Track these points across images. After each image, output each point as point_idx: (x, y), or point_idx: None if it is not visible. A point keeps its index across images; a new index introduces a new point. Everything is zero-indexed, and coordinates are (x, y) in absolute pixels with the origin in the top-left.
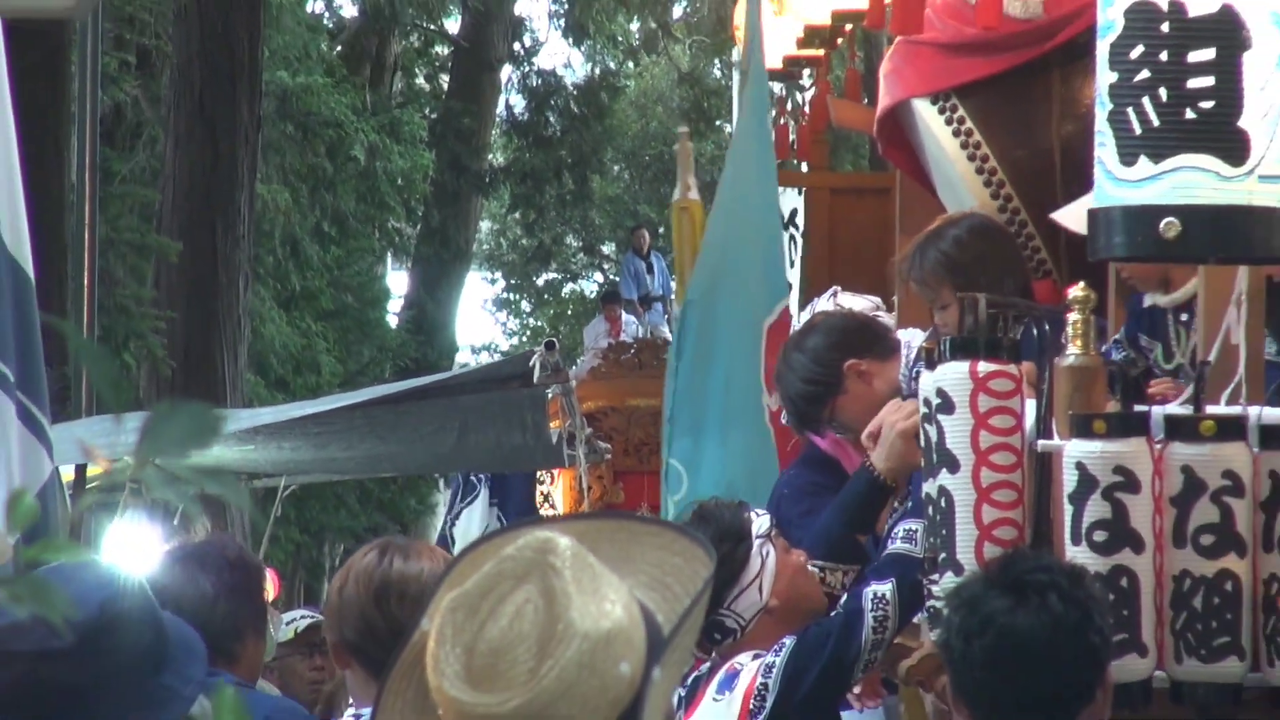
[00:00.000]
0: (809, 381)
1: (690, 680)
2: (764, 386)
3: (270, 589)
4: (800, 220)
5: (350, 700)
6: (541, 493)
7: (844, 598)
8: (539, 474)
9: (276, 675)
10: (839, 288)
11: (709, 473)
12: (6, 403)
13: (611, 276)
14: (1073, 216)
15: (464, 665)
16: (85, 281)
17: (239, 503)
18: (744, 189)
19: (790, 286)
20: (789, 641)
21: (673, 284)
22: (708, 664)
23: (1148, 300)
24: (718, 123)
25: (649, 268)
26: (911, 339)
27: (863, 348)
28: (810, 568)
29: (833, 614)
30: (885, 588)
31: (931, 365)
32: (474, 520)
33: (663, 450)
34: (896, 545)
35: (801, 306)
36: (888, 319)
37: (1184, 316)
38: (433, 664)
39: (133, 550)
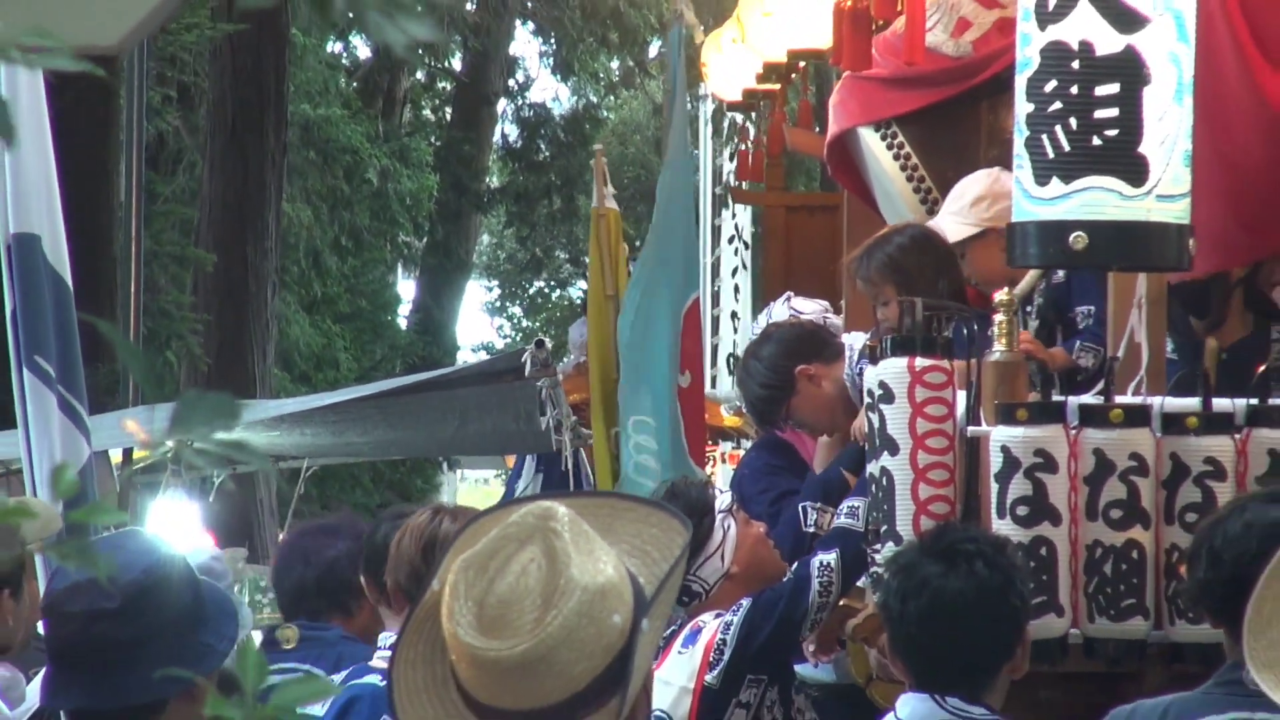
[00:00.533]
0: (766, 386)
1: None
2: (678, 365)
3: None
4: (748, 234)
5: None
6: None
7: (795, 565)
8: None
9: None
10: (791, 293)
11: (650, 440)
12: (49, 395)
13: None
14: (944, 228)
15: (476, 616)
16: (132, 289)
17: (264, 467)
18: (672, 205)
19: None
20: (745, 603)
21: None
22: (677, 623)
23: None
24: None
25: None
26: (854, 341)
27: (811, 353)
28: (809, 509)
29: (784, 579)
30: (830, 557)
31: (874, 361)
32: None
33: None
34: (841, 520)
35: (757, 311)
36: (835, 320)
37: (1027, 309)
38: (447, 615)
39: (172, 523)
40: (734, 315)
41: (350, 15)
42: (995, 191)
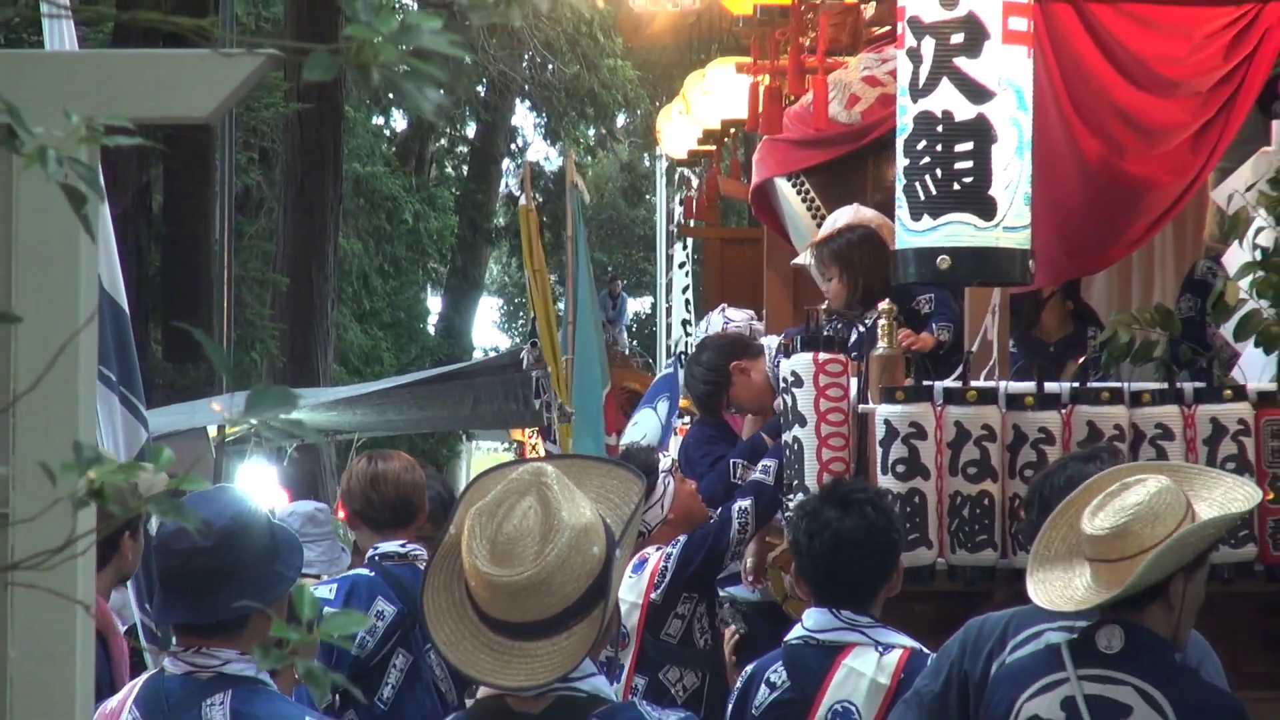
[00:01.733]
0: (708, 384)
1: None
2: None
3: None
4: (693, 260)
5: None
6: None
7: (719, 509)
8: None
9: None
10: (725, 305)
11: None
12: (111, 395)
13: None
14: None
15: (489, 551)
16: (225, 306)
17: (316, 440)
18: (586, 320)
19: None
20: (681, 539)
21: (627, 315)
22: None
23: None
24: (647, 196)
25: (614, 304)
26: (772, 342)
27: (740, 352)
28: (737, 465)
29: (711, 521)
30: (747, 502)
31: (787, 355)
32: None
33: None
34: (756, 474)
35: (699, 318)
36: (759, 325)
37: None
38: (466, 551)
39: (256, 481)
40: (684, 322)
41: (389, 90)
42: (859, 218)
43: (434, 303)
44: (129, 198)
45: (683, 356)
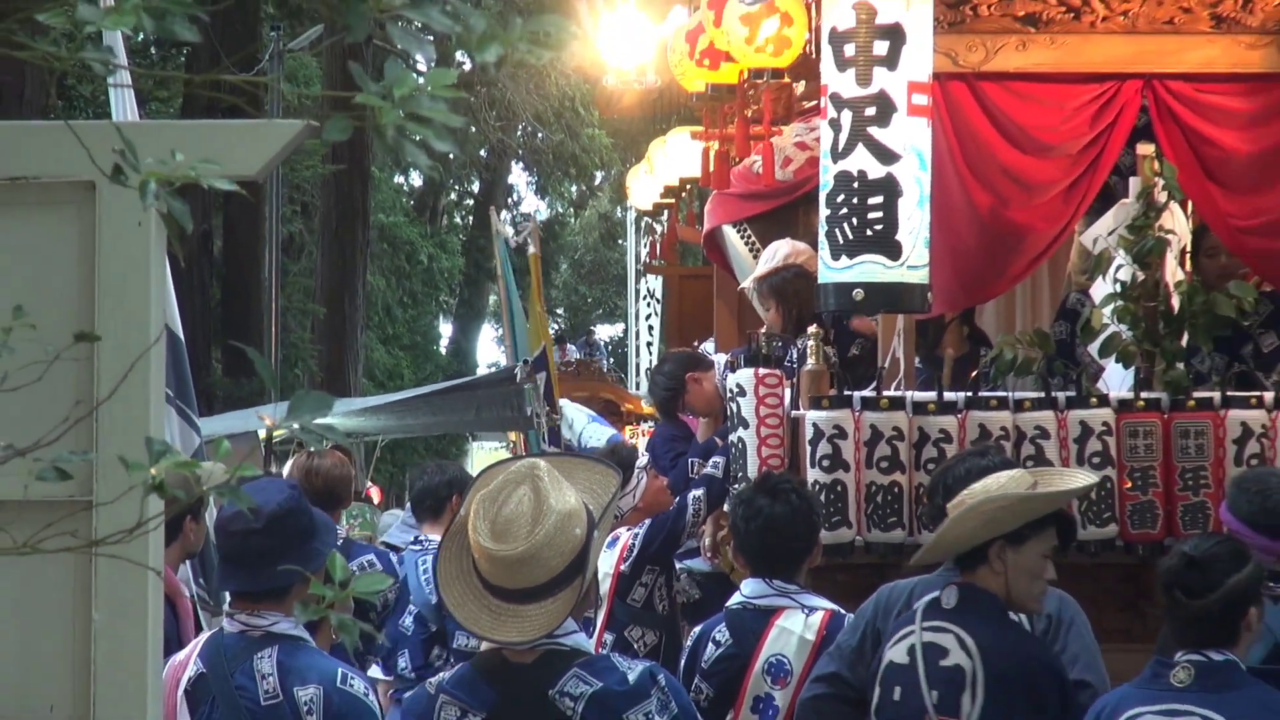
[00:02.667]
0: (667, 390)
1: None
2: None
3: (376, 496)
4: (660, 295)
5: None
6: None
7: (678, 498)
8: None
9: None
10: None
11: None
12: (168, 408)
13: (563, 325)
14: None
15: (490, 529)
16: (273, 331)
17: (343, 441)
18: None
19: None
20: (647, 523)
21: (602, 350)
22: None
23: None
24: (619, 240)
25: (590, 349)
26: (720, 359)
27: (694, 365)
28: (694, 463)
29: (671, 509)
30: (699, 492)
31: (733, 370)
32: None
33: None
34: (708, 469)
35: (664, 342)
36: (709, 345)
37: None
38: (471, 529)
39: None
40: (649, 344)
41: (398, 149)
42: (793, 250)
43: (445, 328)
44: (194, 242)
45: (648, 373)
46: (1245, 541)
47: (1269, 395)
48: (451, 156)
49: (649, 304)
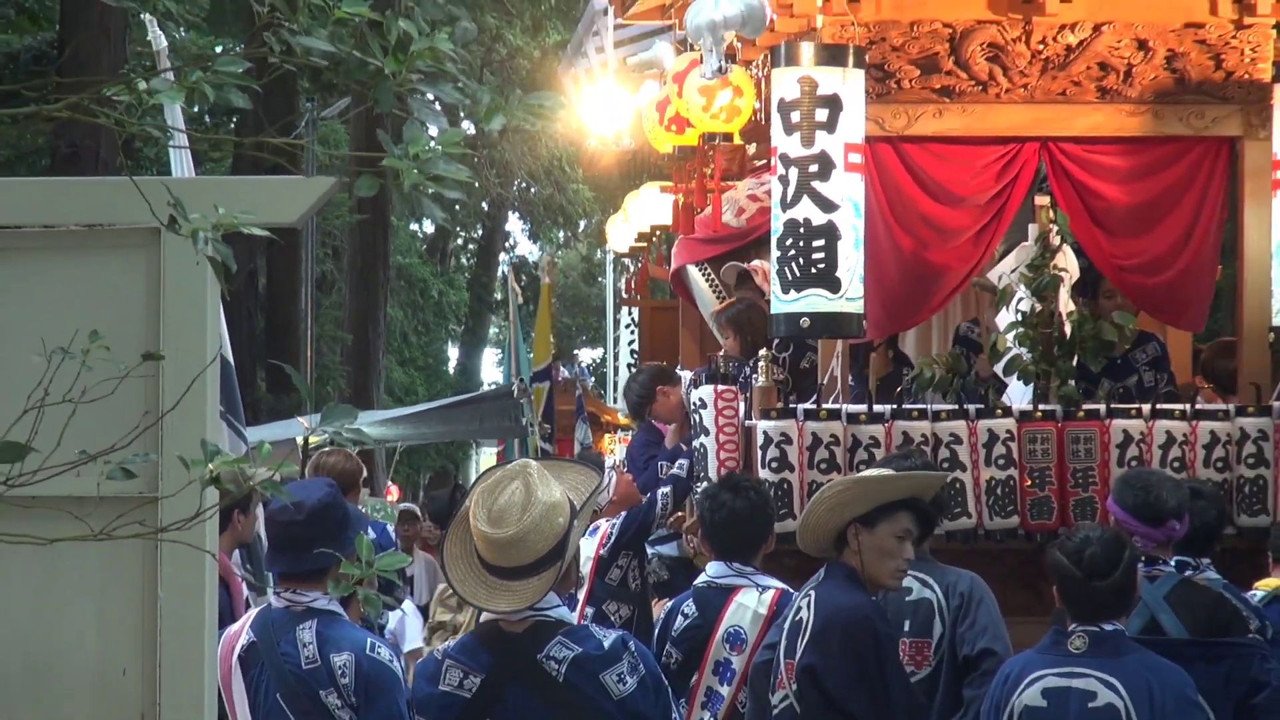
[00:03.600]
0: (640, 397)
1: None
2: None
3: (395, 493)
4: (636, 324)
5: None
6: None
7: (648, 495)
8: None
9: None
10: (658, 366)
11: None
12: (219, 420)
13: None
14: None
15: (487, 515)
16: (308, 354)
17: (371, 445)
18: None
19: None
20: (623, 515)
21: (587, 374)
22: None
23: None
24: (599, 279)
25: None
26: (686, 375)
27: (663, 379)
28: (663, 465)
29: (643, 503)
30: (667, 489)
31: (696, 385)
32: None
33: None
34: (675, 470)
35: (638, 364)
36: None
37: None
38: (472, 516)
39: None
40: (629, 365)
41: (418, 202)
42: (751, 268)
43: (452, 352)
44: (241, 279)
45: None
46: (1129, 529)
47: (1145, 407)
48: (458, 206)
49: (631, 331)
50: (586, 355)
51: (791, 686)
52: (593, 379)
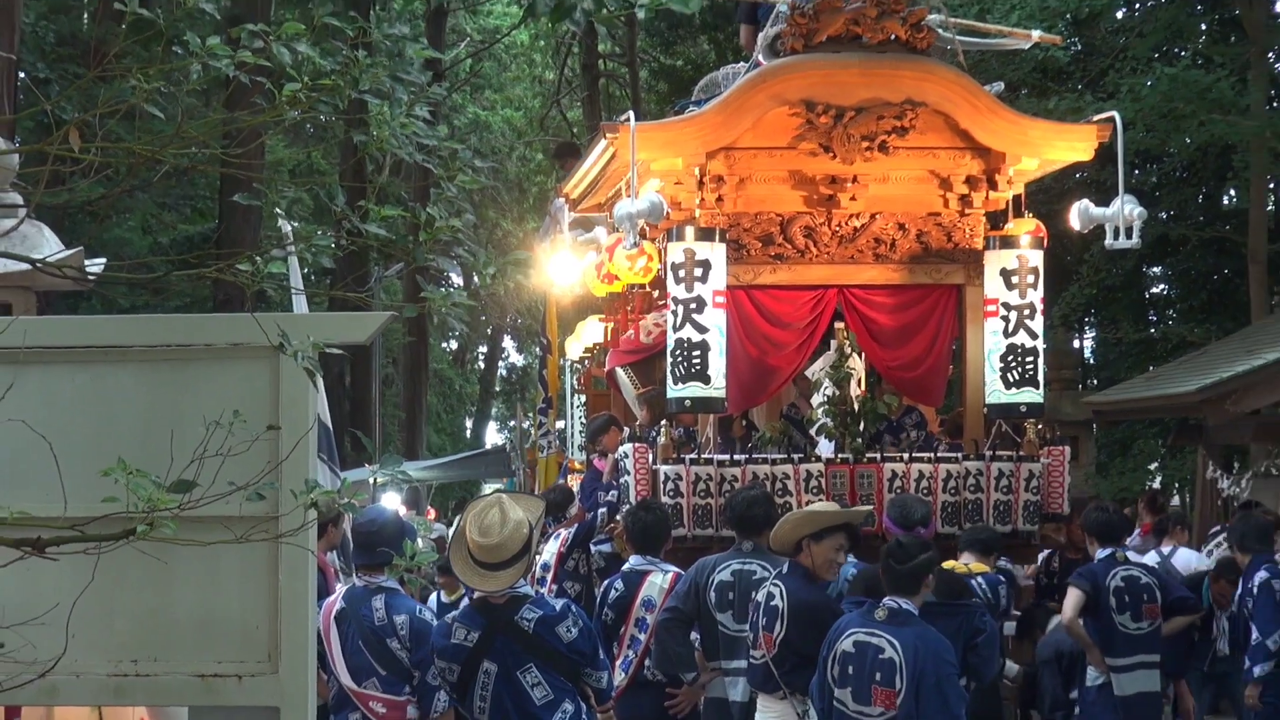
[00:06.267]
0: (600, 428)
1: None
2: None
3: (432, 514)
4: (585, 404)
5: None
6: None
7: (590, 513)
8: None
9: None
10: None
11: None
12: (321, 465)
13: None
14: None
15: (478, 529)
16: (377, 426)
17: (415, 482)
18: None
19: None
20: (576, 526)
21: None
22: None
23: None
24: (561, 377)
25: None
26: (625, 431)
27: (615, 423)
28: (599, 493)
29: (588, 519)
30: (603, 510)
31: (629, 443)
32: None
33: None
34: (608, 497)
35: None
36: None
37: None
38: (467, 529)
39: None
40: (580, 430)
41: (446, 326)
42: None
43: (467, 424)
44: (333, 377)
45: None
46: (892, 532)
47: (906, 455)
48: (472, 331)
49: (582, 409)
50: (557, 424)
51: (771, 651)
52: (559, 439)
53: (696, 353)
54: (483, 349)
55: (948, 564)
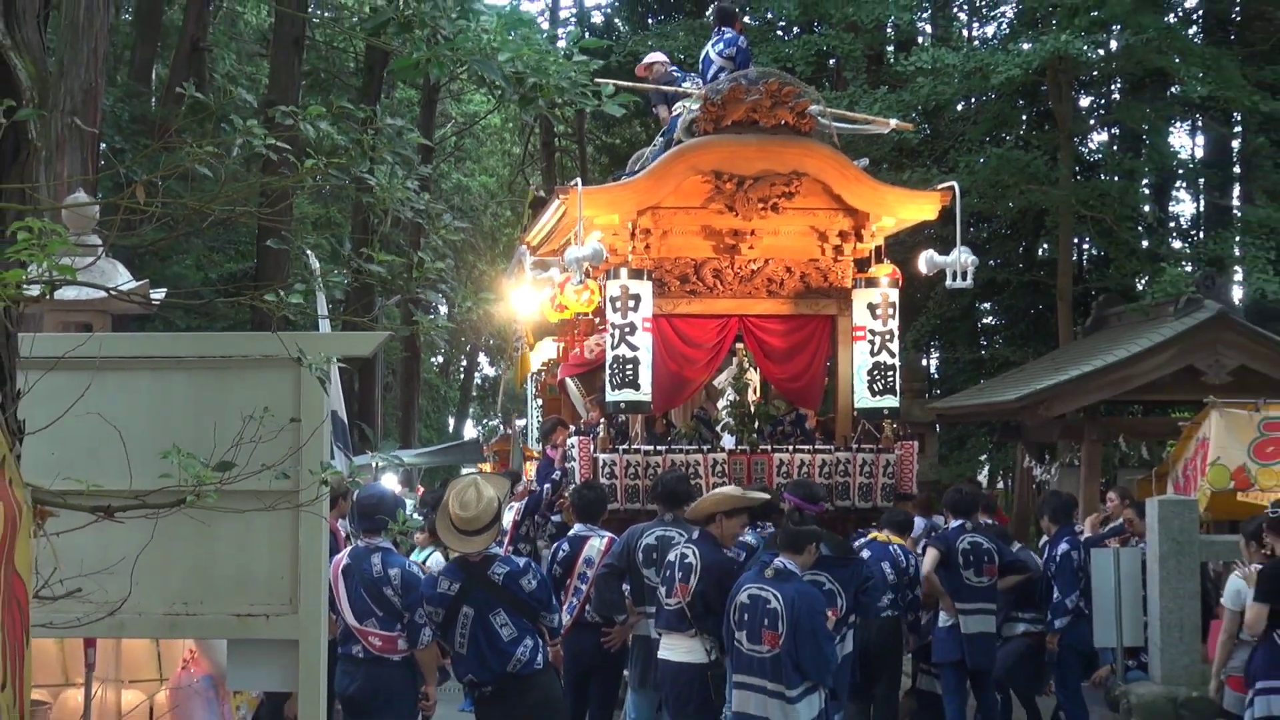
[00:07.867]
0: (550, 428)
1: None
2: None
3: (420, 490)
4: (541, 406)
5: None
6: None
7: (540, 488)
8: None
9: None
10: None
11: None
12: (337, 450)
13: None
14: (573, 394)
15: (458, 503)
16: (379, 423)
17: (405, 466)
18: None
19: None
20: (526, 499)
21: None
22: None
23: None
24: (523, 385)
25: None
26: (570, 428)
27: (562, 424)
28: (548, 482)
29: (535, 492)
30: (548, 486)
31: (575, 436)
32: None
33: None
34: (554, 476)
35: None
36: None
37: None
38: (449, 503)
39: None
40: (538, 425)
41: (431, 345)
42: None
43: (450, 421)
44: (347, 382)
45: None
46: (801, 508)
47: (791, 448)
48: (453, 349)
49: (539, 410)
50: (519, 422)
51: (685, 599)
52: (522, 436)
53: (629, 366)
54: (463, 363)
55: (876, 535)
